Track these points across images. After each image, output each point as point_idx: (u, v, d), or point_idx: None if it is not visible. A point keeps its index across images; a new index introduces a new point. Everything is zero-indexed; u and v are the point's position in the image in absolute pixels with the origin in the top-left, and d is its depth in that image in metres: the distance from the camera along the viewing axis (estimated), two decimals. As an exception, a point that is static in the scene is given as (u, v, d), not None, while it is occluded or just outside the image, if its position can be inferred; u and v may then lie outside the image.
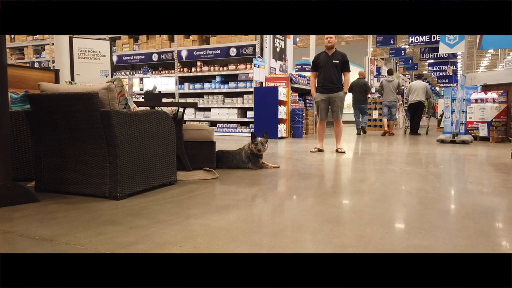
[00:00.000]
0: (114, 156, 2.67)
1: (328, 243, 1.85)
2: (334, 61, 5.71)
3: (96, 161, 2.73)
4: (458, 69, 26.02)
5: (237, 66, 9.94)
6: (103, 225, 2.12)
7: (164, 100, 7.23)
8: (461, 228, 2.09)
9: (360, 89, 10.77)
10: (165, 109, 4.17)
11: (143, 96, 4.26)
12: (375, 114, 12.98)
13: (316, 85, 5.95)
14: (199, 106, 10.28)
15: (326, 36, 5.76)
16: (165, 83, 10.96)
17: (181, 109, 4.04)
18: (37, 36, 12.55)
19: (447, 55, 19.97)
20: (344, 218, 2.31)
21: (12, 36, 13.10)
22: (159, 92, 4.07)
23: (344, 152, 5.76)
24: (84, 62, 5.74)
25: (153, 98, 3.99)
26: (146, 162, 2.93)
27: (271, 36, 9.72)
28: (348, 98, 9.23)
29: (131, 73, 11.61)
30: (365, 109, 10.97)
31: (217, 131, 10.08)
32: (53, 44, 10.79)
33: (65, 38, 6.07)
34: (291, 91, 9.35)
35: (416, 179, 3.62)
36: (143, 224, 2.13)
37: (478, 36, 13.67)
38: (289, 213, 2.44)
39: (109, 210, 2.44)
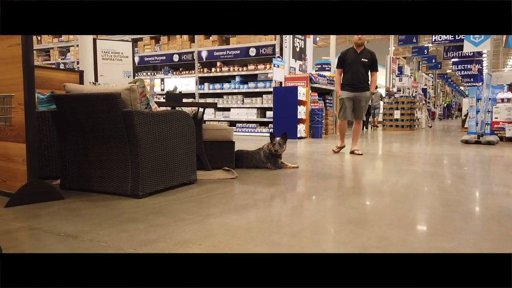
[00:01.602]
0: (136, 155, 2.72)
1: (348, 244, 1.83)
2: (363, 59, 5.48)
3: (119, 160, 2.79)
4: (483, 67, 25.31)
5: (257, 66, 9.95)
6: (125, 222, 2.16)
7: (184, 100, 7.31)
8: (486, 231, 2.04)
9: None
10: (185, 109, 4.22)
11: (164, 96, 4.32)
12: (396, 114, 12.77)
13: (342, 83, 5.69)
14: (218, 106, 10.35)
15: None
16: (185, 83, 11.07)
17: (201, 109, 4.08)
18: (62, 38, 12.90)
19: (472, 53, 19.45)
20: (364, 219, 2.28)
21: (39, 38, 13.51)
22: (180, 92, 4.12)
23: (361, 154, 5.56)
24: (107, 63, 5.86)
25: (174, 98, 4.04)
26: (167, 161, 2.97)
27: (291, 36, 9.69)
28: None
29: (153, 73, 11.78)
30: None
31: (236, 131, 10.12)
32: (77, 46, 11.07)
33: (89, 40, 6.22)
34: (310, 91, 9.29)
35: (439, 180, 3.54)
36: (163, 223, 2.16)
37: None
38: (308, 214, 2.43)
39: (131, 208, 2.48)
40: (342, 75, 5.75)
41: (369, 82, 5.64)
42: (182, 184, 3.19)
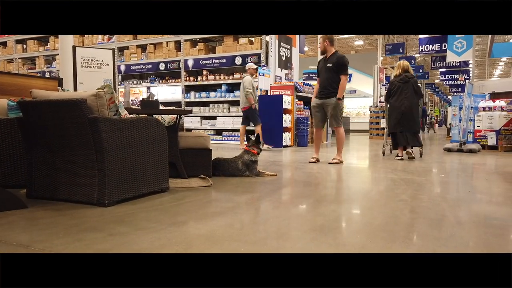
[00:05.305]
0: (102, 163, 2.67)
1: (307, 251, 1.79)
2: (328, 64, 5.41)
3: (85, 167, 2.73)
4: (470, 77, 25.68)
5: (243, 74, 9.95)
6: (84, 231, 2.10)
7: (169, 108, 7.26)
8: (451, 237, 2.02)
9: None
10: (166, 117, 4.16)
11: (139, 103, 4.28)
12: (383, 123, 12.84)
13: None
14: (205, 114, 10.35)
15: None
16: (171, 92, 11.04)
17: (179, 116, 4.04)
18: (48, 46, 12.81)
19: (458, 63, 19.75)
20: (329, 226, 2.25)
21: (24, 46, 13.40)
22: (156, 100, 4.07)
23: (341, 162, 5.44)
24: (87, 71, 5.81)
25: (149, 105, 3.99)
26: (136, 169, 2.92)
27: (276, 44, 9.74)
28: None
29: (139, 82, 11.71)
30: None
31: (222, 140, 10.09)
32: (62, 54, 10.96)
33: (69, 48, 6.17)
34: (296, 100, 9.32)
35: (413, 188, 3.53)
36: (123, 231, 2.10)
37: (488, 45, 13.51)
38: (274, 221, 2.39)
39: (94, 217, 2.42)
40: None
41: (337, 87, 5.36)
42: (153, 192, 3.13)
